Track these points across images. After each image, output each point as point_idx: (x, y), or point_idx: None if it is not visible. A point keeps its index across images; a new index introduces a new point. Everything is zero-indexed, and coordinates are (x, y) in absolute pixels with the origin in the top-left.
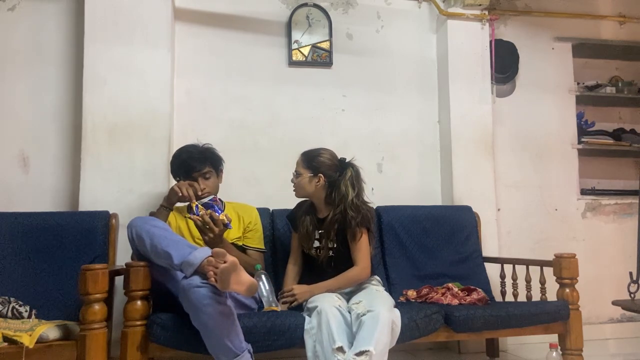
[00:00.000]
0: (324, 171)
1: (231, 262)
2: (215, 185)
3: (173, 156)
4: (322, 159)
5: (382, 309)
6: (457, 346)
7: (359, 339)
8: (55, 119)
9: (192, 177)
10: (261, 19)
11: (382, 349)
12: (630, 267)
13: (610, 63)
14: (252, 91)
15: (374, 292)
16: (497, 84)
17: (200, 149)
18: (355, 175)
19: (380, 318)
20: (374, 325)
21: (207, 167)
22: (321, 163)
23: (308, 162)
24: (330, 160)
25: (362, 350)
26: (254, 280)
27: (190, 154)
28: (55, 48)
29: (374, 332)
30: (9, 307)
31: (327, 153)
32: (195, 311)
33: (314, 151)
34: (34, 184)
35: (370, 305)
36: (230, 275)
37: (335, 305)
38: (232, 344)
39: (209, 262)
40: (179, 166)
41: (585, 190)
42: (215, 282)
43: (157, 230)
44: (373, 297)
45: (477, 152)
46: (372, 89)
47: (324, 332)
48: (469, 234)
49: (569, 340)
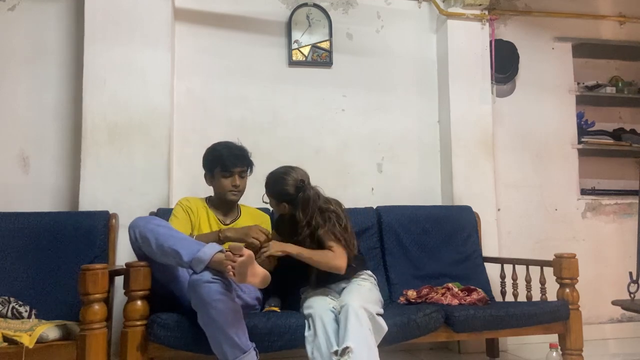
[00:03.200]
0: (286, 200)
1: (248, 256)
2: (245, 187)
3: (209, 149)
4: (283, 189)
5: (352, 301)
6: (457, 346)
7: (340, 337)
8: (55, 118)
9: (230, 172)
10: (261, 19)
11: (362, 339)
12: (630, 267)
13: (610, 63)
14: (252, 91)
15: (355, 287)
16: (497, 84)
17: (240, 147)
18: (304, 203)
19: (350, 310)
20: (346, 319)
21: (246, 166)
22: (282, 193)
23: (271, 191)
24: (291, 187)
25: (343, 349)
26: (267, 272)
27: (232, 149)
28: (55, 48)
29: (347, 326)
30: (9, 307)
31: (290, 179)
32: (204, 307)
33: (276, 179)
34: (34, 184)
35: (343, 300)
36: (247, 268)
37: (329, 308)
38: (239, 340)
39: (227, 257)
40: (217, 159)
41: (585, 190)
42: (233, 276)
43: (161, 229)
44: (349, 293)
45: (477, 152)
46: (372, 89)
47: (320, 337)
48: (469, 234)
49: (569, 340)
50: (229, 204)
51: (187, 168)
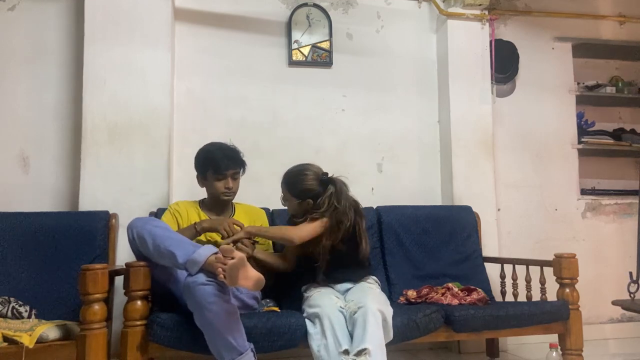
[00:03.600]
0: (311, 196)
1: (239, 258)
2: (237, 188)
3: (201, 151)
4: (306, 185)
5: (370, 303)
6: (457, 346)
7: (355, 338)
8: (55, 118)
9: (222, 174)
10: (261, 19)
11: (378, 342)
12: (630, 267)
13: (610, 63)
14: (252, 91)
15: (366, 289)
16: (497, 84)
17: (233, 148)
18: (338, 192)
19: (369, 312)
20: (364, 321)
21: (239, 167)
22: (307, 190)
23: (293, 190)
24: (314, 182)
25: (360, 350)
26: (260, 275)
27: (224, 151)
28: (55, 48)
29: (366, 327)
30: (9, 307)
31: (311, 173)
32: (199, 309)
33: (297, 176)
34: (34, 184)
35: (359, 301)
36: (238, 271)
37: (337, 308)
38: (236, 342)
39: (217, 259)
40: (209, 161)
41: (585, 190)
42: (224, 279)
43: (159, 230)
44: (363, 294)
45: (477, 152)
46: (372, 89)
47: (328, 337)
48: (469, 234)
49: (569, 340)
50: (222, 204)
51: (187, 168)
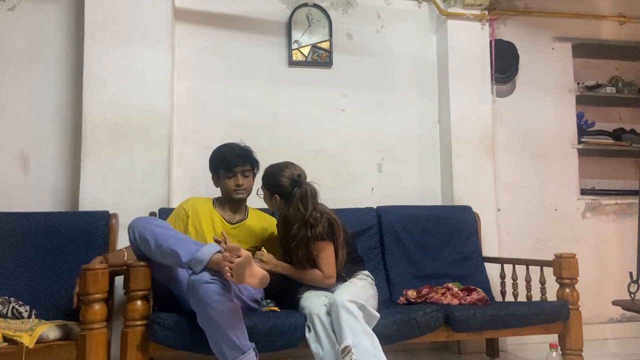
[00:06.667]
0: (279, 192)
1: (245, 256)
2: (250, 186)
3: (213, 152)
4: (279, 181)
5: (339, 297)
6: (457, 346)
7: (337, 337)
8: (55, 118)
9: (232, 172)
10: (261, 19)
11: (358, 331)
12: (630, 267)
13: (610, 63)
14: (252, 91)
15: (345, 284)
16: (497, 84)
17: (243, 146)
18: (302, 196)
19: (340, 307)
20: (337, 316)
21: (248, 165)
22: (277, 185)
23: (267, 182)
24: (287, 180)
25: (342, 349)
26: (265, 272)
27: (234, 150)
28: (55, 48)
29: (341, 324)
30: (9, 307)
31: (287, 172)
32: (203, 307)
33: (274, 171)
34: (34, 184)
35: (331, 299)
36: (245, 269)
37: (323, 303)
38: (238, 341)
39: (224, 257)
40: (221, 160)
41: (585, 190)
42: (231, 277)
43: (160, 229)
44: (338, 291)
45: (477, 152)
46: (372, 89)
47: (322, 337)
48: (469, 234)
49: (569, 340)
50: (236, 203)
51: (187, 168)
